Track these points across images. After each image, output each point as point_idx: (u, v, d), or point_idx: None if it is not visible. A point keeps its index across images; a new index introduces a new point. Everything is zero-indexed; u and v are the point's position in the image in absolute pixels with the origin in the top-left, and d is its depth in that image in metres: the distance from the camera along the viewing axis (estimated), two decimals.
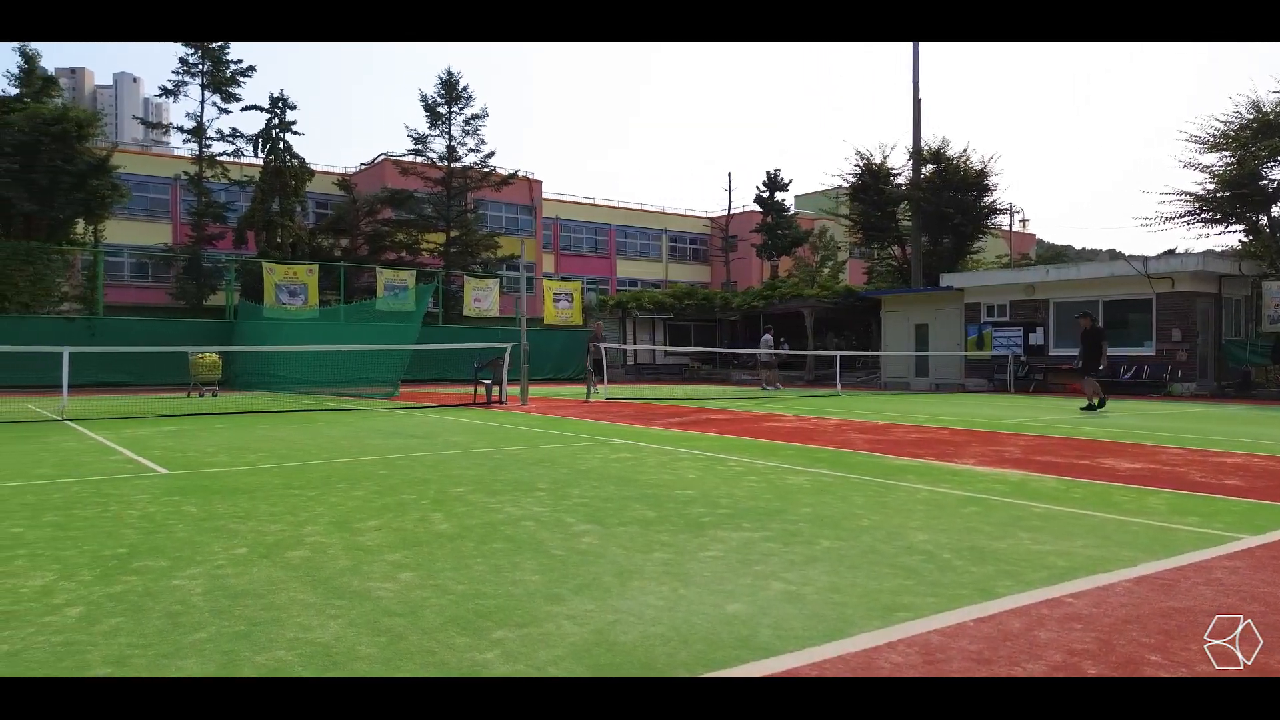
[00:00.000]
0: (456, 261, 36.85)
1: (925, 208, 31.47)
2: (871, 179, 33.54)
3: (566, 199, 51.81)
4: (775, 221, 47.23)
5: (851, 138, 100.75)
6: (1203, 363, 23.11)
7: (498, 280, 34.21)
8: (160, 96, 34.56)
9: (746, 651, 2.87)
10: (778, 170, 48.13)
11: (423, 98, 37.45)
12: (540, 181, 46.59)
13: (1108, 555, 4.27)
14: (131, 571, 3.92)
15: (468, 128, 38.02)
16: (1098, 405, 15.45)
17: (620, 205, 54.67)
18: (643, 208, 55.93)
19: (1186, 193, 25.02)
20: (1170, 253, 27.04)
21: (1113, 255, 46.38)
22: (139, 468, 7.50)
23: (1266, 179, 23.61)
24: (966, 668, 2.73)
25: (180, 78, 33.70)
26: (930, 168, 32.31)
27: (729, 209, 51.31)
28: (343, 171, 42.67)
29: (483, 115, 38.09)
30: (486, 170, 38.53)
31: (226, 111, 34.63)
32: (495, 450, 8.89)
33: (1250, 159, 23.33)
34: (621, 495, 6.02)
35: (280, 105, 34.77)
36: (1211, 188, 24.57)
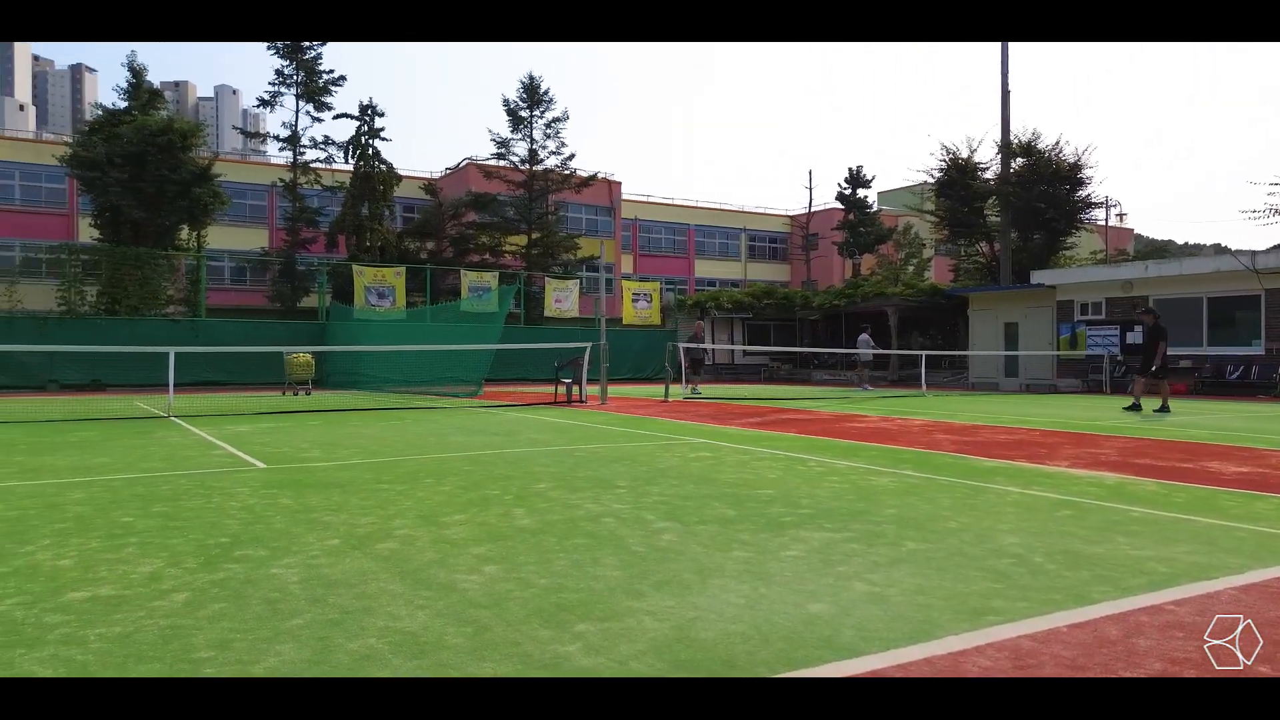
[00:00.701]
0: (538, 263, 37.36)
1: (1015, 203, 30.48)
2: (958, 174, 32.66)
3: (645, 199, 51.96)
4: (858, 219, 46.43)
5: (937, 132, 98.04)
6: None
7: (577, 281, 34.57)
8: (258, 107, 36.03)
9: (829, 652, 2.84)
10: (860, 167, 47.32)
11: (505, 102, 38.09)
12: (619, 183, 46.89)
13: (1212, 562, 4.07)
14: (233, 560, 4.10)
15: (549, 130, 38.51)
16: (1163, 409, 14.71)
17: (699, 205, 54.56)
18: (721, 207, 55.69)
19: None
20: None
21: (1218, 250, 44.13)
22: (239, 462, 7.85)
23: None
24: (1059, 674, 2.64)
25: (276, 88, 35.06)
26: (1020, 161, 31.28)
27: (809, 206, 50.65)
28: (428, 176, 43.71)
29: (563, 118, 38.53)
30: (567, 172, 38.94)
31: (319, 120, 35.90)
32: (575, 448, 8.99)
33: None
34: (701, 494, 6.02)
35: (369, 113, 35.82)
36: None
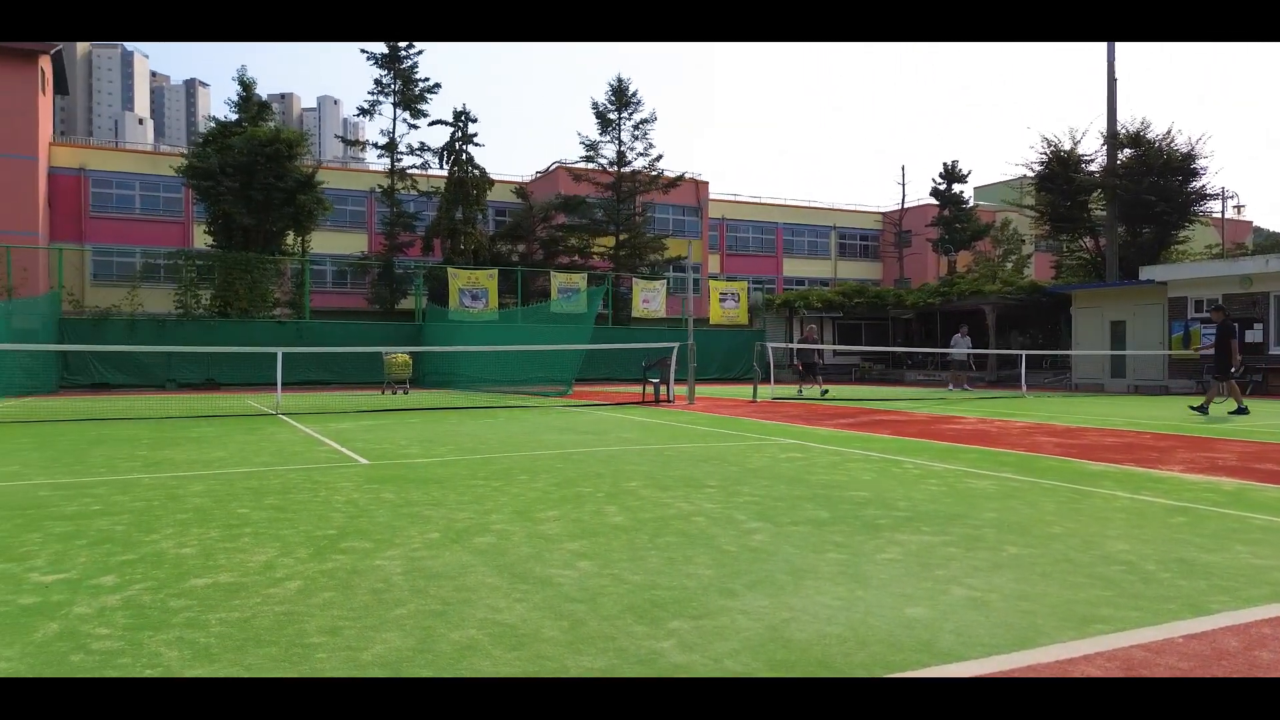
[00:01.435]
0: (625, 264, 37.62)
1: (1122, 195, 29.11)
2: (1060, 167, 31.38)
3: (733, 199, 51.68)
4: (953, 215, 45.14)
5: (1037, 124, 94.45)
6: None
7: (665, 281, 34.66)
8: (358, 116, 37.35)
9: (928, 656, 2.79)
10: (955, 161, 45.98)
11: (594, 105, 38.48)
12: (707, 183, 46.74)
13: None
14: (340, 551, 4.28)
15: (637, 132, 38.72)
16: (1239, 409, 13.78)
17: (787, 203, 53.97)
18: (810, 205, 54.96)
19: None
20: None
21: None
22: (343, 458, 8.16)
23: None
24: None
25: (375, 97, 36.26)
26: (1128, 152, 29.85)
27: (902, 203, 49.54)
28: (519, 180, 44.51)
29: (651, 119, 38.67)
30: (654, 173, 39.10)
31: (415, 127, 36.94)
32: (665, 447, 9.03)
33: None
34: (792, 495, 5.97)
35: (462, 119, 36.70)
36: None
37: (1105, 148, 29.78)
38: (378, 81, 36.08)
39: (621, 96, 38.48)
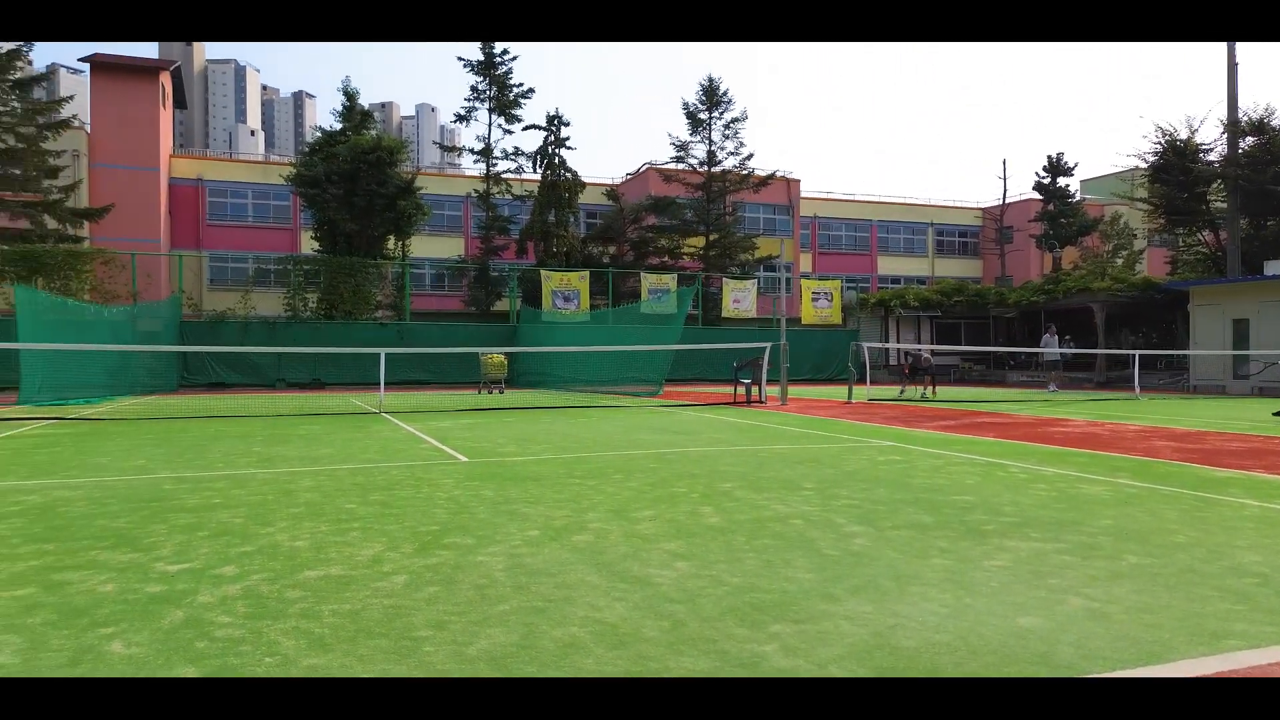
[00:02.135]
0: (715, 264, 37.47)
1: (1244, 186, 27.39)
2: (1176, 157, 29.74)
3: (825, 196, 50.87)
4: (1058, 209, 43.34)
5: (1150, 113, 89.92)
6: None
7: (755, 281, 34.38)
8: (454, 122, 38.26)
9: (1044, 668, 2.67)
10: (1060, 154, 44.14)
11: (684, 105, 38.45)
12: (798, 180, 46.13)
13: None
14: (443, 546, 4.38)
15: (727, 131, 38.52)
16: None
17: (882, 200, 52.81)
18: (906, 201, 53.63)
19: None
20: None
21: None
22: (444, 455, 8.37)
23: None
24: None
25: (471, 104, 37.10)
26: (1250, 140, 28.09)
27: (1004, 198, 47.81)
28: (610, 182, 44.86)
29: (742, 118, 38.41)
30: (745, 172, 38.82)
31: (509, 132, 37.65)
32: (758, 448, 8.94)
33: None
34: (893, 498, 5.82)
35: (555, 123, 37.22)
36: None
37: (1226, 136, 28.10)
38: (474, 88, 36.91)
39: (712, 96, 38.35)
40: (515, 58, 37.00)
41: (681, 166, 39.05)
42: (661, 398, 18.80)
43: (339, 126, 33.40)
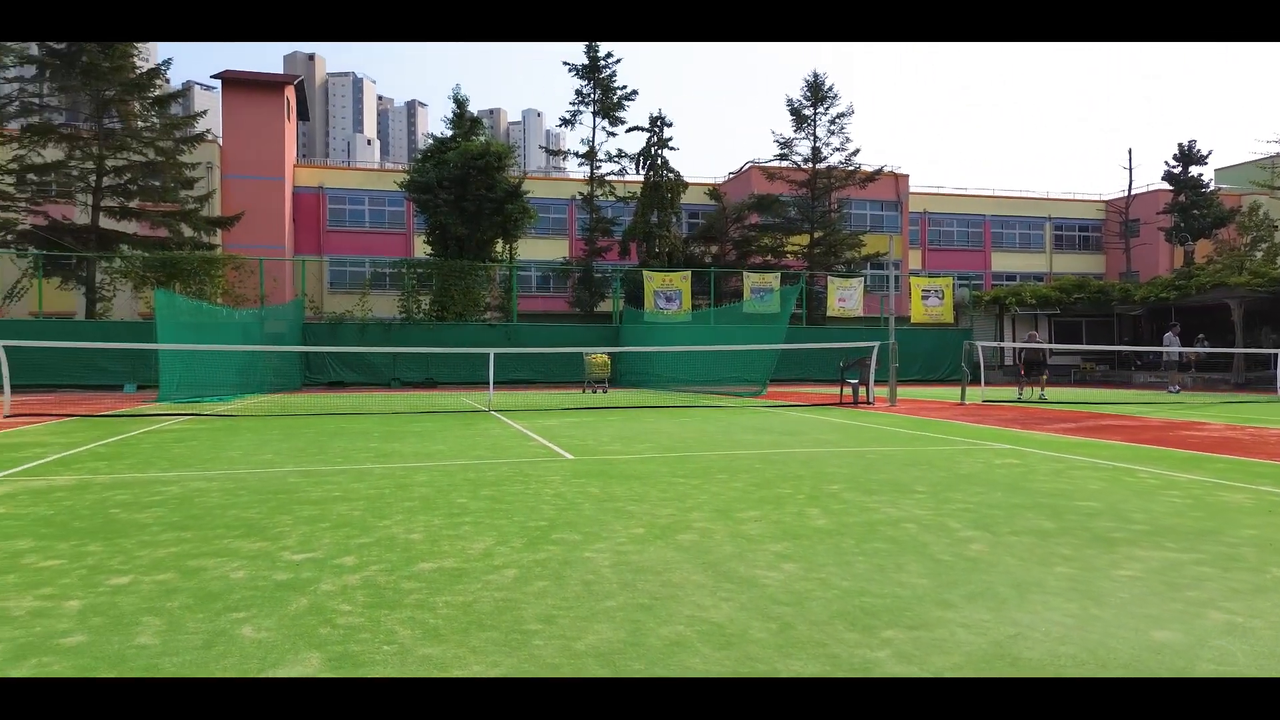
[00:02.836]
0: (820, 262, 36.87)
1: None
2: None
3: (935, 191, 49.33)
4: (1190, 200, 40.80)
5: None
6: None
7: (861, 279, 33.65)
8: (559, 126, 38.89)
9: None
10: (1192, 141, 41.56)
11: (788, 101, 38.00)
12: (907, 175, 44.89)
13: None
14: (551, 542, 4.45)
15: (833, 127, 37.85)
16: None
17: (995, 194, 50.84)
18: (1022, 194, 51.46)
19: None
20: None
21: None
22: (550, 453, 8.51)
23: None
24: None
25: (576, 108, 37.66)
26: None
27: (1129, 189, 45.32)
28: (712, 181, 44.72)
29: (848, 113, 37.68)
30: (851, 168, 38.06)
31: (613, 134, 38.04)
32: (866, 450, 8.73)
33: None
34: (1010, 503, 5.59)
35: (658, 124, 37.38)
36: None
37: None
38: (578, 92, 37.42)
39: (817, 92, 37.76)
40: (619, 60, 37.33)
41: (785, 164, 38.60)
42: (765, 398, 18.61)
43: (449, 133, 34.44)
